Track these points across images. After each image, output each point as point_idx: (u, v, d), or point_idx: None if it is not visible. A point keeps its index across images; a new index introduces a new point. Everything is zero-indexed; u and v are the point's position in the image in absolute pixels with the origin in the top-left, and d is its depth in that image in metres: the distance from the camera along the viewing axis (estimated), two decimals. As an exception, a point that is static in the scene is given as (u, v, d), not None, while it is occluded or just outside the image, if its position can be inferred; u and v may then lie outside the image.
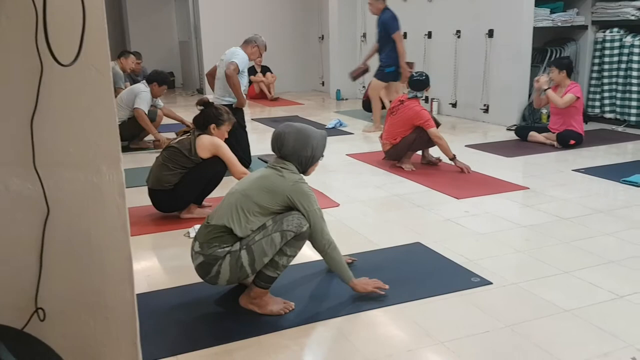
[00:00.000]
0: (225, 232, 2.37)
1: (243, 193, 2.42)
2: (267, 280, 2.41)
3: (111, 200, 1.16)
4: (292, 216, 2.37)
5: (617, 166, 4.80)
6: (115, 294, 1.21)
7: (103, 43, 1.08)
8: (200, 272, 2.43)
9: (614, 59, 6.55)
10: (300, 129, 2.51)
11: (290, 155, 2.48)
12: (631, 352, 2.10)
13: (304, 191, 2.43)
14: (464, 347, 2.16)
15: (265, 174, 2.47)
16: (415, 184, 4.45)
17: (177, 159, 3.55)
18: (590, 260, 2.93)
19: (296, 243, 2.39)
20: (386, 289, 2.57)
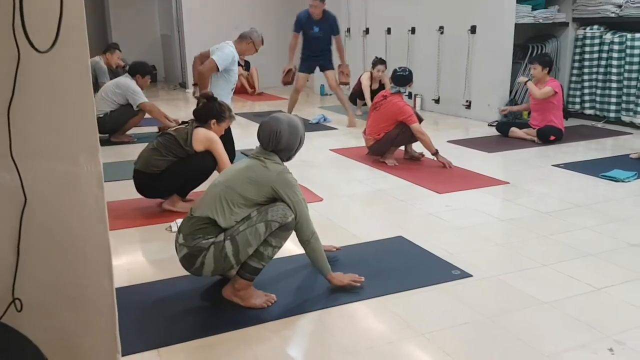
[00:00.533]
0: (209, 224, 2.37)
1: (227, 184, 2.42)
2: (252, 272, 2.41)
3: (89, 191, 1.15)
4: (277, 207, 2.37)
5: (597, 161, 4.87)
6: (94, 285, 1.20)
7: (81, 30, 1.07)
8: (184, 263, 2.42)
9: (594, 55, 6.64)
10: (289, 122, 2.51)
11: (283, 149, 2.49)
12: (608, 343, 2.14)
13: (288, 181, 2.43)
14: (444, 339, 2.18)
15: (249, 165, 2.47)
16: (398, 179, 4.48)
17: (171, 146, 3.54)
18: (569, 253, 2.97)
19: (281, 234, 2.39)
20: (362, 281, 2.59)
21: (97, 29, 12.26)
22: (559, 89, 5.57)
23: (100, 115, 5.63)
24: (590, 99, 6.80)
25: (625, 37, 6.25)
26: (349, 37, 9.59)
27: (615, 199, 3.89)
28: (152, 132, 6.27)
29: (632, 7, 6.20)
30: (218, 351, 2.14)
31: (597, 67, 6.64)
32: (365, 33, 9.10)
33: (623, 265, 2.81)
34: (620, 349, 2.10)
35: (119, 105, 5.66)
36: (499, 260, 2.92)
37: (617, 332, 2.21)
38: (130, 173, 4.54)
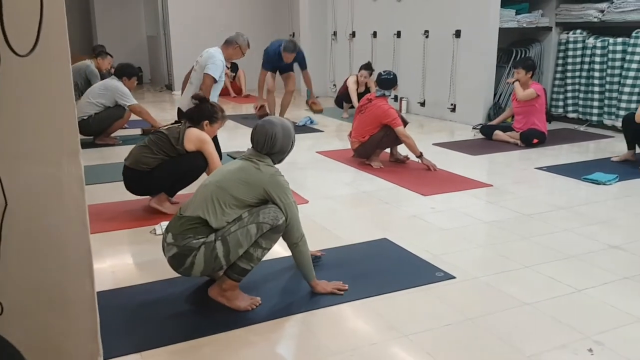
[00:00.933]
0: (200, 224, 2.37)
1: (218, 185, 2.42)
2: (240, 273, 2.42)
3: (70, 194, 1.15)
4: (268, 209, 2.38)
5: (579, 164, 4.94)
6: (75, 287, 1.20)
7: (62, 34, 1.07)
8: (173, 263, 2.41)
9: (576, 60, 6.73)
10: (283, 125, 2.53)
11: (277, 153, 2.51)
12: (588, 343, 2.18)
13: (280, 184, 2.45)
14: (426, 340, 2.20)
15: (241, 166, 2.48)
16: (383, 181, 4.50)
17: (163, 144, 3.55)
18: (550, 255, 3.01)
19: (272, 236, 2.40)
20: (345, 289, 2.60)
21: (83, 31, 12.18)
22: (542, 92, 5.65)
23: (85, 117, 5.61)
24: (573, 102, 6.89)
25: (608, 41, 6.35)
26: (336, 40, 9.63)
27: (596, 202, 3.94)
28: (137, 135, 6.25)
29: (614, 12, 6.30)
30: (201, 354, 2.14)
31: (579, 71, 6.74)
32: (352, 37, 9.13)
33: (603, 267, 2.86)
34: (600, 350, 2.13)
35: (104, 107, 5.63)
36: (482, 262, 2.95)
37: (596, 333, 2.24)
38: (115, 175, 4.52)
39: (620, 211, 3.76)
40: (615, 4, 6.28)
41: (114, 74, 5.80)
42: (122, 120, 5.80)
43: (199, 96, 3.66)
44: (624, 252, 3.05)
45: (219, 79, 4.68)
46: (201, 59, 4.75)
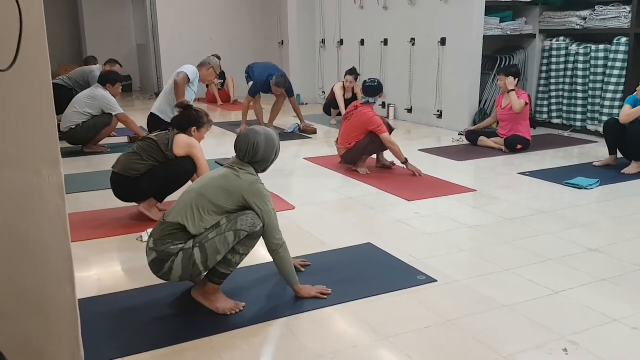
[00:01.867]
0: (179, 230, 2.41)
1: (199, 192, 2.47)
2: (220, 277, 2.46)
3: (51, 201, 1.19)
4: (246, 216, 2.42)
5: (561, 169, 5.02)
6: (56, 292, 1.24)
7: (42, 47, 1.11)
8: (153, 268, 2.45)
9: (560, 66, 6.84)
10: (267, 135, 2.57)
11: (260, 161, 2.55)
12: (564, 343, 2.23)
13: (259, 191, 2.49)
14: (407, 342, 2.25)
15: (223, 173, 2.53)
16: (369, 187, 4.56)
17: (152, 151, 3.58)
18: (530, 258, 3.07)
19: (249, 242, 2.44)
20: (329, 293, 2.64)
21: (72, 39, 12.19)
22: (528, 100, 5.73)
23: (73, 126, 5.63)
24: (557, 108, 7.00)
25: (590, 48, 6.46)
26: (324, 48, 9.71)
27: (577, 206, 4.02)
28: (125, 142, 6.28)
29: (596, 20, 6.42)
30: (185, 357, 2.17)
31: (563, 77, 6.84)
32: (340, 44, 9.22)
33: (582, 270, 2.92)
34: (574, 349, 2.19)
35: (91, 116, 5.66)
36: (463, 265, 3.01)
37: (572, 333, 2.30)
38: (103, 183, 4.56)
39: (601, 215, 3.84)
40: (597, 12, 6.40)
41: (98, 81, 5.83)
42: (110, 128, 5.83)
43: (183, 104, 3.71)
44: (602, 255, 3.12)
45: (191, 84, 4.96)
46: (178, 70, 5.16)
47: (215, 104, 9.97)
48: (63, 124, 5.70)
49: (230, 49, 10.79)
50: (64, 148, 5.85)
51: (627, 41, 6.08)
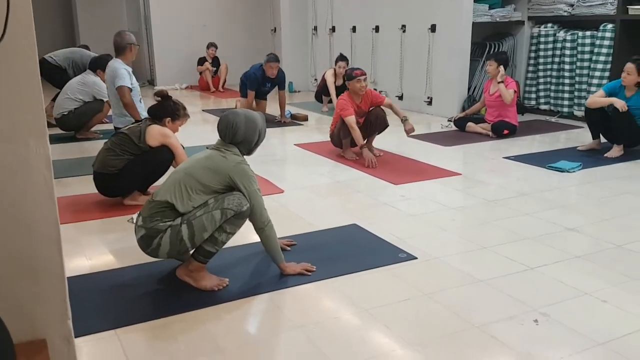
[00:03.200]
0: (168, 208, 2.50)
1: (187, 172, 2.55)
2: (206, 255, 2.54)
3: (38, 172, 1.28)
4: (233, 196, 2.51)
5: (546, 154, 5.12)
6: (45, 256, 1.32)
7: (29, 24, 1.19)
8: (141, 244, 2.54)
9: (548, 53, 6.92)
10: (247, 115, 2.64)
11: (241, 142, 2.62)
12: (535, 315, 2.34)
13: (245, 172, 2.57)
14: (384, 313, 2.35)
15: (209, 154, 2.61)
16: (357, 172, 4.65)
17: (126, 145, 3.63)
18: (509, 237, 3.18)
19: (236, 221, 2.52)
20: (313, 270, 2.74)
21: (64, 27, 12.19)
22: (517, 88, 5.82)
23: (65, 113, 5.70)
24: (545, 94, 7.09)
25: (577, 34, 6.54)
26: (316, 35, 9.75)
27: (558, 188, 4.12)
28: (119, 129, 6.35)
29: (583, 6, 6.50)
30: (173, 330, 2.27)
31: (551, 63, 6.93)
32: (332, 31, 9.26)
33: (558, 248, 3.03)
34: (545, 320, 2.30)
35: (82, 102, 5.72)
36: (444, 244, 3.11)
37: (543, 306, 2.41)
38: (94, 168, 4.62)
39: (580, 196, 3.95)
40: (584, -1, 6.48)
41: (88, 67, 5.88)
42: (102, 114, 5.89)
43: (162, 93, 3.70)
44: (578, 234, 3.23)
45: (132, 85, 4.74)
46: (107, 77, 4.83)
47: (208, 91, 10.02)
48: (55, 110, 5.77)
49: (223, 36, 10.83)
50: (56, 134, 5.92)
51: (613, 27, 6.17)
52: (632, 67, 4.73)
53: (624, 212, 3.57)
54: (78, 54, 6.81)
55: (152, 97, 3.84)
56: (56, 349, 1.38)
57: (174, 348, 2.14)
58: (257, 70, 6.90)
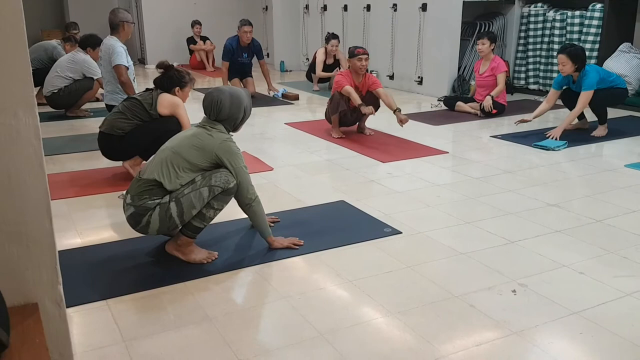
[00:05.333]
0: (156, 186, 2.54)
1: (173, 150, 2.59)
2: (194, 230, 2.60)
3: (28, 141, 1.32)
4: (220, 173, 2.55)
5: (532, 132, 5.19)
6: (35, 224, 1.37)
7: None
8: (131, 222, 2.59)
9: (537, 32, 6.96)
10: (232, 93, 2.67)
11: (227, 119, 2.65)
12: (513, 285, 2.42)
13: (231, 149, 2.60)
14: (368, 284, 2.43)
15: (195, 132, 2.64)
16: (347, 150, 4.71)
17: (137, 110, 3.69)
18: (491, 212, 3.26)
19: (223, 198, 2.57)
20: (301, 244, 2.80)
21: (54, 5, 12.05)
22: (507, 67, 5.89)
23: (55, 91, 5.70)
24: (534, 74, 7.14)
25: (566, 14, 6.58)
26: (308, 14, 9.72)
27: (542, 165, 4.20)
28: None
29: (573, -14, 6.53)
30: (162, 300, 2.34)
31: (540, 43, 6.97)
32: (323, 10, 9.24)
33: (539, 222, 3.11)
34: (522, 290, 2.38)
35: (72, 80, 5.72)
36: (428, 219, 3.18)
37: (522, 277, 2.49)
38: (86, 146, 4.69)
39: (564, 174, 4.03)
40: (574, -22, 6.50)
41: (78, 45, 5.86)
42: (92, 92, 5.89)
43: (164, 64, 3.72)
44: (559, 209, 3.31)
45: (128, 64, 4.71)
46: (103, 53, 4.75)
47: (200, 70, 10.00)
48: (45, 88, 5.77)
49: (214, 14, 10.77)
50: (47, 112, 5.93)
51: (602, 7, 6.20)
52: (563, 57, 4.82)
53: (606, 189, 3.66)
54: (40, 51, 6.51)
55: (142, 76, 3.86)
56: (48, 313, 1.44)
57: (164, 317, 2.21)
58: (232, 40, 6.93)
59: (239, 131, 2.81)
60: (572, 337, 2.05)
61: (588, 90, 4.78)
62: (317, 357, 1.93)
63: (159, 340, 2.05)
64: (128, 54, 4.79)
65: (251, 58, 7.09)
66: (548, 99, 5.16)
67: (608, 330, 2.08)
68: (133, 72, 4.89)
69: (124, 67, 4.62)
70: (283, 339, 2.05)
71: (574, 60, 4.78)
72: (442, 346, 1.99)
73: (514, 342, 2.01)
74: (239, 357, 1.95)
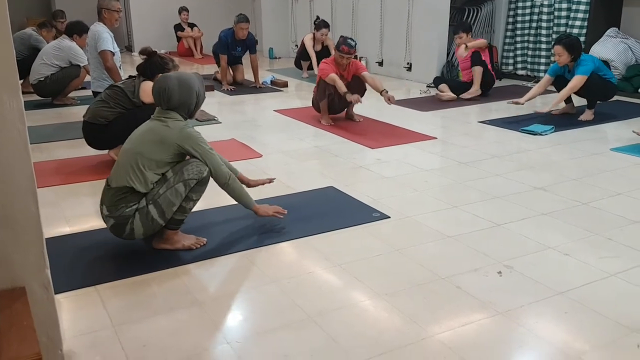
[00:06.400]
0: (128, 192, 2.46)
1: (135, 151, 2.49)
2: (176, 223, 2.59)
3: (12, 125, 1.32)
4: (190, 165, 2.49)
5: (521, 118, 5.22)
6: (21, 207, 1.37)
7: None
8: (115, 232, 2.54)
9: (525, 18, 6.97)
10: (180, 79, 2.55)
11: (178, 106, 2.54)
12: (499, 267, 2.46)
13: (191, 135, 2.52)
14: (357, 267, 2.45)
15: (151, 127, 2.55)
16: (335, 136, 4.71)
17: (119, 98, 3.66)
18: (478, 196, 3.29)
19: (200, 188, 2.54)
20: (285, 213, 2.82)
21: (39, -8, 11.88)
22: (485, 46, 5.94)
23: (41, 78, 5.65)
24: (522, 59, 7.16)
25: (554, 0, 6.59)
26: (296, 0, 9.66)
27: (529, 150, 4.24)
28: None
29: (561, -28, 6.53)
30: (151, 285, 2.34)
31: (528, 29, 6.99)
32: (312, -4, 9.19)
33: (525, 205, 3.14)
34: (508, 272, 2.41)
35: (59, 67, 5.66)
36: (416, 203, 3.21)
37: (508, 259, 2.52)
38: (73, 134, 4.66)
39: (550, 158, 4.06)
40: (562, -37, 6.50)
41: (64, 32, 5.80)
42: (79, 80, 5.84)
43: (147, 51, 3.67)
44: (545, 193, 3.34)
45: (114, 50, 4.68)
46: (89, 40, 4.73)
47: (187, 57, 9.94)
48: (32, 76, 5.71)
49: (201, 0, 10.68)
50: (33, 100, 5.88)
51: (589, -8, 6.22)
52: (559, 48, 4.87)
53: (592, 173, 3.70)
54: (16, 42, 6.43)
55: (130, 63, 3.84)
56: (35, 296, 1.45)
57: (153, 302, 2.22)
58: (227, 34, 6.86)
59: (194, 117, 2.72)
60: (557, 316, 2.09)
61: (582, 75, 4.82)
62: (305, 339, 1.96)
63: (148, 324, 2.06)
64: (114, 40, 4.76)
65: (244, 52, 7.03)
66: (540, 84, 5.20)
67: (592, 310, 2.12)
68: (119, 59, 4.86)
69: (109, 53, 4.58)
70: (272, 322, 2.07)
71: (570, 51, 4.82)
72: (428, 326, 2.01)
73: (500, 322, 2.05)
74: (228, 339, 1.97)
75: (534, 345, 1.93)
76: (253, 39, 7.00)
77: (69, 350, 1.87)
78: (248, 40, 6.89)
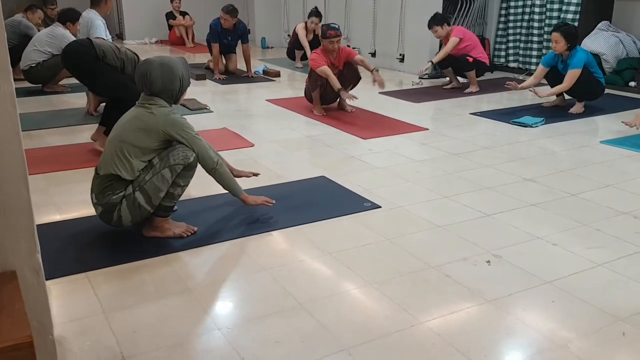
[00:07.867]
0: (115, 180, 2.46)
1: (120, 139, 2.48)
2: (165, 210, 2.58)
3: (3, 109, 1.31)
4: (176, 150, 2.48)
5: (511, 110, 5.25)
6: (12, 192, 1.37)
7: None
8: (104, 219, 2.55)
9: (518, 10, 6.99)
10: (162, 63, 2.52)
11: (161, 92, 2.51)
12: (487, 256, 2.48)
13: (177, 121, 2.50)
14: (346, 256, 2.47)
15: (135, 114, 2.53)
16: (328, 127, 4.72)
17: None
18: (468, 187, 3.31)
19: (187, 173, 2.53)
20: (273, 203, 2.82)
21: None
22: (462, 33, 5.90)
23: (33, 65, 5.60)
24: (514, 52, 7.19)
25: (547, -8, 6.61)
26: (289, -10, 9.62)
27: (520, 142, 4.26)
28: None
29: (553, -36, 6.54)
30: (142, 272, 2.35)
31: (520, 21, 7.00)
32: (305, -14, 9.15)
33: (514, 196, 3.17)
34: (497, 261, 2.44)
35: (51, 55, 5.61)
36: (407, 194, 3.22)
37: (497, 248, 2.55)
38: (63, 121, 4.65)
39: (540, 149, 4.09)
40: (555, -44, 6.51)
41: (57, 20, 5.74)
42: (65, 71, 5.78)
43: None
44: (535, 184, 3.37)
45: (106, 37, 4.69)
46: (81, 26, 4.76)
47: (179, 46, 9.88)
48: (23, 62, 5.66)
49: (194, -10, 10.59)
50: (24, 87, 5.83)
51: (582, -15, 6.24)
52: (557, 35, 4.89)
53: (581, 164, 3.73)
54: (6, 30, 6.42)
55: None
56: (26, 280, 1.45)
57: (144, 289, 2.22)
58: (217, 22, 6.82)
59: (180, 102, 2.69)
60: (545, 305, 2.12)
61: (576, 69, 4.84)
62: (296, 326, 1.97)
63: (139, 311, 2.07)
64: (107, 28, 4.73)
65: (236, 41, 6.97)
66: (535, 75, 5.22)
67: (579, 299, 2.15)
68: None
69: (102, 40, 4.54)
70: (263, 309, 2.08)
71: (567, 39, 4.84)
72: (418, 314, 2.04)
73: (488, 310, 2.07)
74: (219, 326, 1.98)
75: (521, 332, 1.96)
76: (245, 29, 6.95)
77: (60, 336, 1.88)
78: (240, 29, 6.85)
